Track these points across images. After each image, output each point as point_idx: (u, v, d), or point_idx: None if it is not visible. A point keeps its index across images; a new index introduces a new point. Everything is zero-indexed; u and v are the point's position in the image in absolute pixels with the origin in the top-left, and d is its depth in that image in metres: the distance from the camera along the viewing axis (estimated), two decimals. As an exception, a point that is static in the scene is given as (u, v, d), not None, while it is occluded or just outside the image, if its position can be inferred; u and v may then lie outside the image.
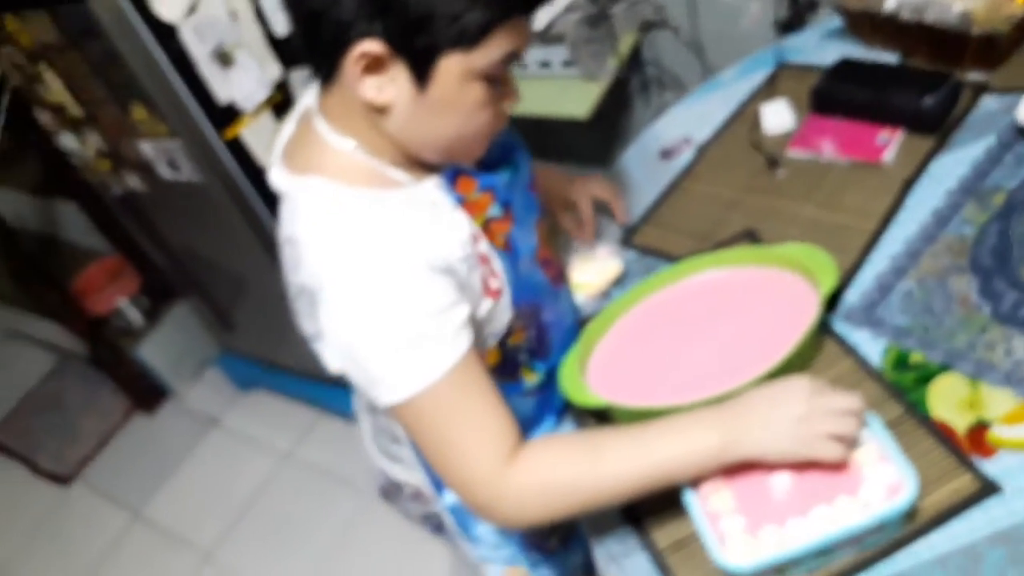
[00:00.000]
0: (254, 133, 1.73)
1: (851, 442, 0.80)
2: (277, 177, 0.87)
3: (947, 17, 1.20)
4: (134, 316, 2.57)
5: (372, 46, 0.73)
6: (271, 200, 1.78)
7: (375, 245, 0.79)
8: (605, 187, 1.23)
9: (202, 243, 2.07)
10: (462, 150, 0.85)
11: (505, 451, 0.81)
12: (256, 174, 1.75)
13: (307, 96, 0.91)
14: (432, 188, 0.86)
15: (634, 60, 2.03)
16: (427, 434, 0.82)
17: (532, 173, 1.00)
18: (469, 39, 0.74)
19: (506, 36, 0.75)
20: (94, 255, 2.75)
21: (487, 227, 0.88)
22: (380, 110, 0.79)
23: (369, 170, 0.83)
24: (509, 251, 0.90)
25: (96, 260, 2.67)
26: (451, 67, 0.75)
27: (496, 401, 0.83)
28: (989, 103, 1.20)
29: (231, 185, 1.74)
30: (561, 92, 1.87)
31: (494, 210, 0.89)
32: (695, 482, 0.84)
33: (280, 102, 1.74)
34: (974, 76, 1.23)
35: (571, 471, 0.82)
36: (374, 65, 0.75)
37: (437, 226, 0.83)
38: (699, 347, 0.98)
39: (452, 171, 0.87)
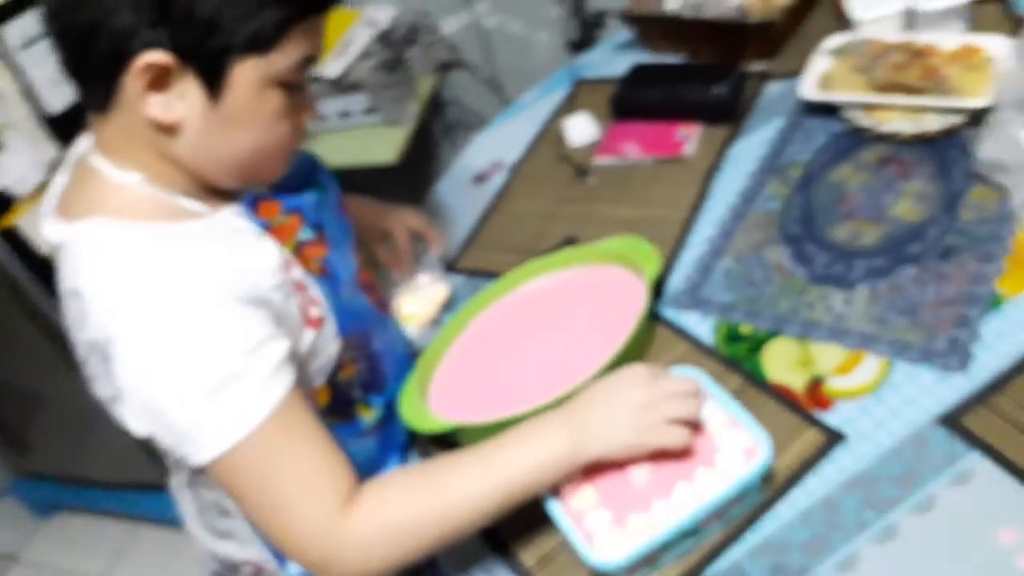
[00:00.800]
0: (31, 221, 1.56)
1: (693, 424, 0.78)
2: (50, 230, 0.76)
3: (724, 11, 1.26)
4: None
5: (157, 56, 0.66)
6: (53, 293, 1.61)
7: (169, 283, 0.69)
8: (418, 218, 1.17)
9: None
10: (260, 168, 0.77)
11: (339, 500, 0.72)
12: (39, 267, 1.58)
13: (80, 143, 0.81)
14: (231, 216, 0.77)
15: (435, 102, 2.02)
16: (249, 492, 0.72)
17: (340, 196, 0.94)
18: (263, 42, 0.68)
19: (302, 38, 0.71)
20: None
21: (300, 252, 0.80)
22: (168, 130, 0.71)
23: (157, 203, 0.74)
24: (328, 276, 0.83)
25: None
26: (246, 74, 0.69)
27: (325, 445, 0.74)
28: (773, 89, 1.26)
29: (10, 282, 1.56)
30: (365, 140, 1.83)
31: (305, 233, 0.82)
32: (555, 488, 0.78)
33: (58, 181, 1.59)
34: (756, 66, 1.30)
35: (415, 507, 0.74)
36: (159, 79, 0.67)
37: (241, 256, 0.74)
38: (538, 354, 0.94)
39: (252, 196, 0.79)
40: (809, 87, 1.17)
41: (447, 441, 0.93)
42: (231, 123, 0.72)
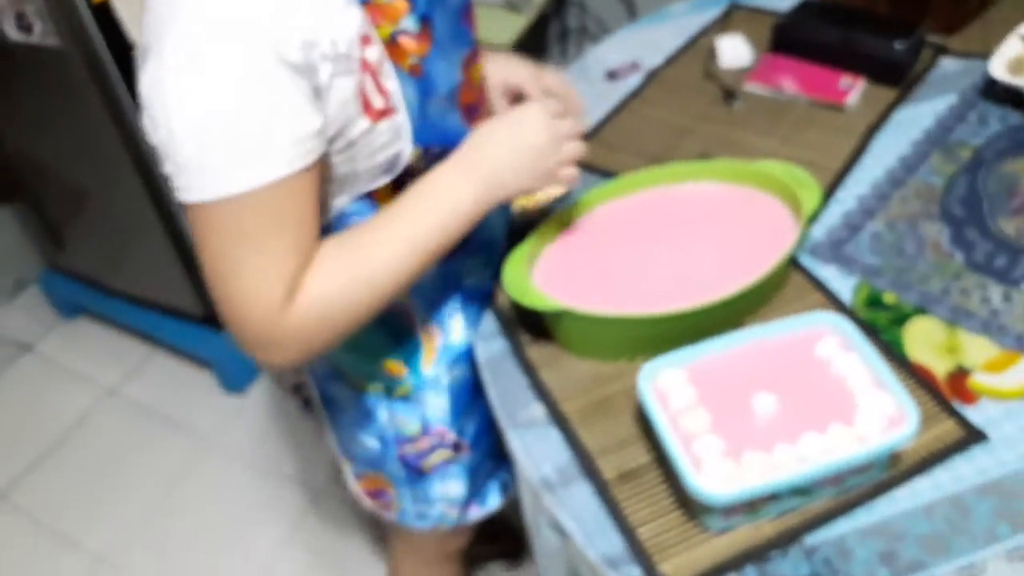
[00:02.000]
0: (125, 3, 1.47)
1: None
2: None
3: (923, -35, 1.14)
4: (-57, 217, 2.19)
5: None
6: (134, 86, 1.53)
7: (231, 15, 0.62)
8: (564, 84, 1.02)
9: (43, 136, 1.76)
10: None
11: (290, 286, 0.69)
12: (122, 50, 1.48)
13: None
14: None
15: (558, 1, 1.90)
16: (212, 250, 0.67)
17: (470, 6, 0.83)
18: None
19: None
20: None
21: (393, 41, 0.72)
22: None
23: None
24: (420, 77, 0.74)
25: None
26: None
27: (303, 237, 0.69)
28: (948, 64, 1.16)
29: (91, 55, 1.47)
30: (484, 19, 1.71)
31: (408, 22, 0.72)
32: (663, 400, 0.70)
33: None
34: (933, 38, 1.18)
35: (343, 286, 0.71)
36: None
37: (315, 14, 0.66)
38: (664, 260, 0.86)
39: None
40: (999, 68, 1.06)
41: (535, 324, 0.85)
42: None
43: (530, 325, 0.87)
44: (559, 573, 0.83)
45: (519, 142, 0.76)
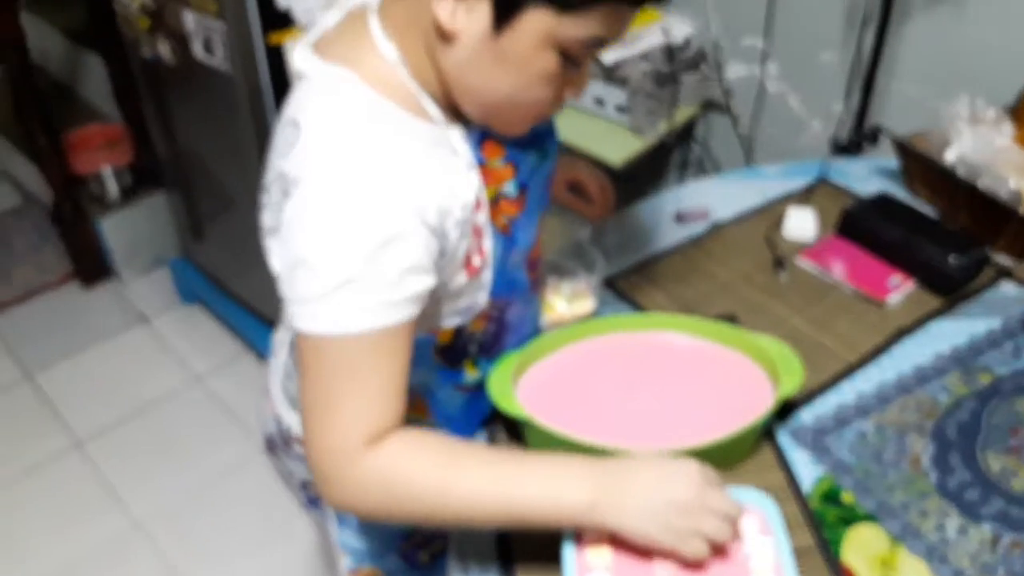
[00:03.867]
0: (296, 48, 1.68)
1: (719, 547, 0.74)
2: (302, 57, 0.77)
3: (999, 188, 1.17)
4: (111, 188, 2.49)
5: None
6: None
7: (381, 167, 0.70)
8: (595, 176, 1.15)
9: (205, 141, 2.01)
10: (505, 116, 0.77)
11: (375, 432, 0.73)
12: (283, 89, 1.70)
13: None
14: (457, 137, 0.78)
15: (685, 132, 2.00)
16: (312, 377, 0.73)
17: (555, 169, 0.93)
18: (566, 3, 0.67)
19: (603, 18, 0.69)
20: (99, 118, 2.68)
21: (495, 203, 0.80)
22: (443, 36, 0.71)
23: (406, 90, 0.74)
24: (508, 236, 0.83)
25: (99, 122, 2.60)
26: (535, 23, 0.68)
27: (399, 383, 0.75)
28: (1007, 289, 1.17)
29: (256, 87, 1.69)
30: (604, 134, 1.84)
31: (510, 187, 0.81)
32: (579, 533, 0.77)
33: (334, 31, 1.70)
34: (1002, 259, 1.20)
35: (421, 476, 0.73)
36: None
37: (450, 177, 0.75)
38: (638, 398, 0.92)
39: (483, 132, 0.79)
40: (1048, 307, 1.07)
41: (515, 430, 0.93)
42: (499, 61, 0.71)
43: (507, 424, 0.95)
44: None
45: (660, 487, 0.73)
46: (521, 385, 0.93)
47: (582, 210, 1.16)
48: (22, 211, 2.84)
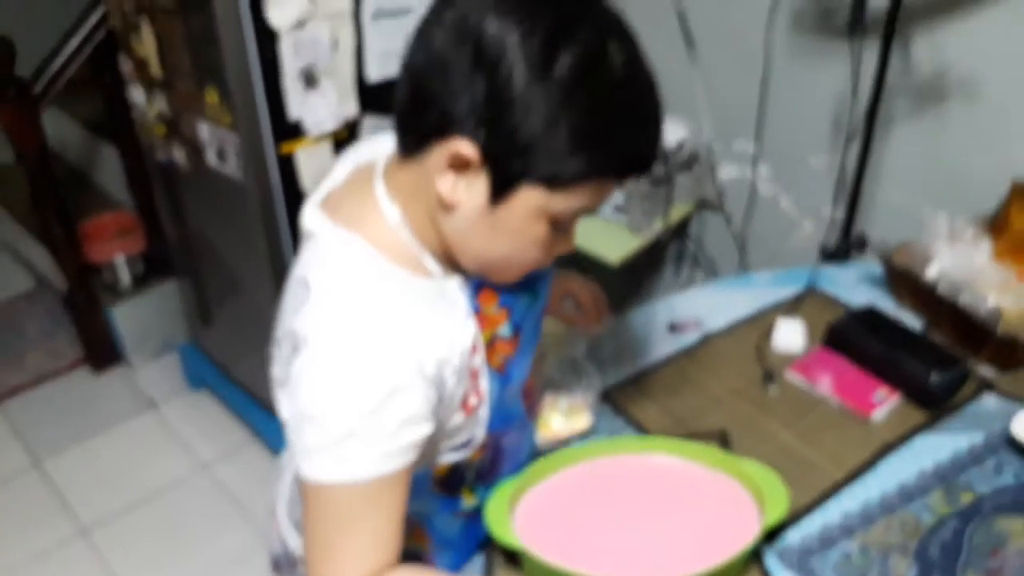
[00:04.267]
0: (308, 157, 1.76)
1: None
2: (311, 218, 0.84)
3: (978, 306, 1.22)
4: (124, 276, 2.56)
5: (468, 149, 0.72)
6: (297, 226, 1.80)
7: (382, 327, 0.75)
8: (587, 289, 1.19)
9: (217, 236, 2.08)
10: (499, 272, 0.83)
11: (373, 572, 0.78)
12: (294, 196, 1.77)
13: (365, 149, 0.90)
14: (455, 288, 0.83)
15: (680, 230, 2.07)
16: (315, 521, 0.79)
17: (547, 305, 0.98)
18: (557, 182, 0.73)
19: (590, 191, 0.75)
20: (113, 205, 2.77)
21: (492, 344, 0.86)
22: (444, 206, 0.77)
23: (408, 250, 0.80)
24: (503, 375, 0.88)
25: (112, 209, 2.68)
26: (528, 198, 0.74)
27: (396, 526, 0.80)
28: (989, 401, 1.21)
29: (267, 196, 1.76)
30: (603, 233, 1.91)
31: (504, 330, 0.87)
32: None
33: (344, 138, 1.78)
34: (985, 369, 1.24)
35: None
36: (460, 164, 0.73)
37: (449, 328, 0.80)
38: (631, 526, 0.96)
39: (478, 282, 0.85)
40: (1021, 428, 1.11)
41: (512, 555, 0.97)
42: (495, 229, 0.76)
43: (505, 551, 0.99)
44: None
45: None
46: (517, 513, 0.97)
47: (577, 321, 1.21)
48: (35, 296, 2.91)
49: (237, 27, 1.55)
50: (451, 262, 0.83)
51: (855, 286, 1.45)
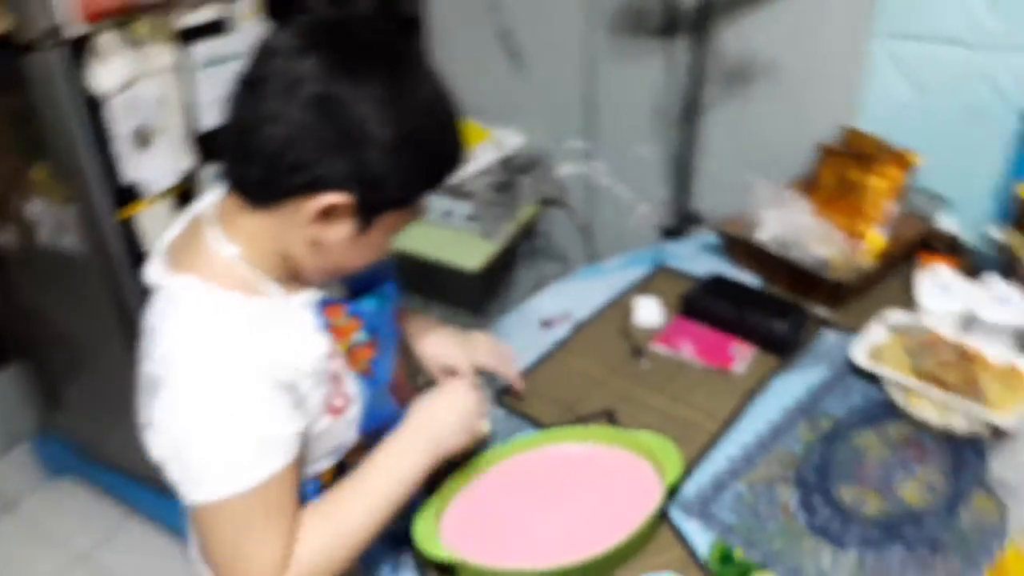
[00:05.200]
0: (150, 218, 1.72)
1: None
2: (154, 271, 0.89)
3: (806, 259, 1.38)
4: (-50, 376, 2.38)
5: (340, 199, 0.80)
6: (145, 291, 1.75)
7: (224, 348, 0.82)
8: (493, 353, 1.24)
9: (57, 314, 1.98)
10: (351, 271, 0.93)
11: (286, 555, 0.86)
12: (139, 258, 1.72)
13: (203, 202, 0.95)
14: (298, 306, 0.90)
15: (528, 230, 2.17)
16: (216, 537, 0.84)
17: (399, 305, 1.06)
18: (410, 201, 0.86)
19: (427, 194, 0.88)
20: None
21: (352, 351, 0.94)
22: (314, 245, 0.85)
23: (243, 278, 0.86)
24: (370, 376, 0.96)
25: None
26: (387, 221, 0.85)
27: (290, 515, 0.87)
28: (829, 336, 1.37)
29: (110, 264, 1.70)
30: (459, 242, 1.98)
31: (359, 336, 0.95)
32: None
33: (184, 192, 1.75)
34: (820, 310, 1.41)
35: (324, 542, 0.88)
36: (328, 213, 0.81)
37: (291, 340, 0.87)
38: (549, 514, 1.04)
39: (322, 301, 0.92)
40: (860, 353, 1.28)
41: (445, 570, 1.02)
42: (355, 250, 0.87)
43: (440, 569, 1.03)
44: None
45: (453, 412, 0.99)
46: (443, 528, 1.02)
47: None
48: None
49: (60, 98, 1.50)
50: (294, 280, 0.91)
51: (697, 257, 1.60)
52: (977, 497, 1.08)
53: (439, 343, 1.21)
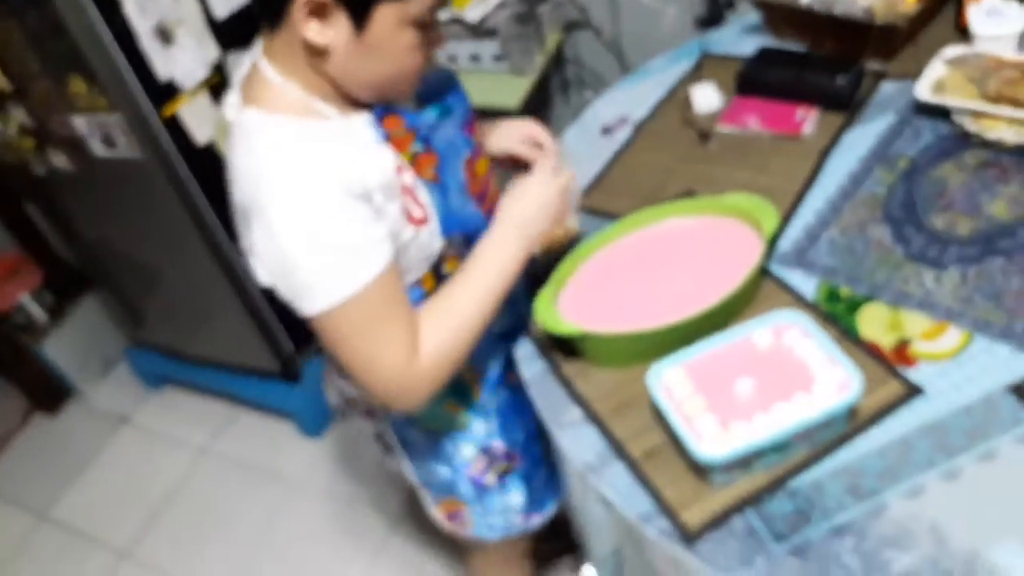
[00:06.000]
0: (192, 112, 1.74)
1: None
2: (229, 108, 0.96)
3: (853, 11, 1.36)
4: (36, 313, 2.47)
5: None
6: (204, 180, 1.79)
7: (297, 168, 0.87)
8: (528, 129, 1.21)
9: (121, 230, 2.04)
10: (392, 89, 0.95)
11: (412, 345, 0.94)
12: (191, 153, 1.76)
13: (257, 46, 0.99)
14: (360, 124, 0.94)
15: (559, 58, 2.15)
16: (343, 342, 0.92)
17: (467, 116, 1.08)
18: None
19: None
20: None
21: (415, 160, 0.97)
22: (320, 52, 0.88)
23: (301, 104, 0.91)
24: (439, 183, 1.00)
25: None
26: (387, 14, 0.85)
27: (406, 309, 0.94)
28: (887, 88, 1.37)
29: (167, 162, 1.74)
30: (492, 85, 1.97)
31: (416, 146, 0.98)
32: (669, 393, 0.93)
33: (217, 83, 1.76)
34: (874, 65, 1.40)
35: (444, 335, 0.96)
36: (318, 10, 0.84)
37: (357, 156, 0.91)
38: (661, 284, 1.08)
39: (381, 110, 0.96)
40: (924, 90, 1.28)
41: (566, 347, 1.08)
42: (371, 53, 0.88)
43: (561, 347, 1.10)
44: (606, 542, 1.05)
45: (537, 200, 1.03)
46: (561, 309, 1.07)
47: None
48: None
49: (79, 7, 1.49)
50: (351, 102, 0.95)
51: (740, 40, 1.58)
52: (1064, 201, 1.10)
53: (502, 133, 1.22)
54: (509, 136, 1.21)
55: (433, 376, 0.96)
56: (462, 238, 1.04)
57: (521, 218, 1.02)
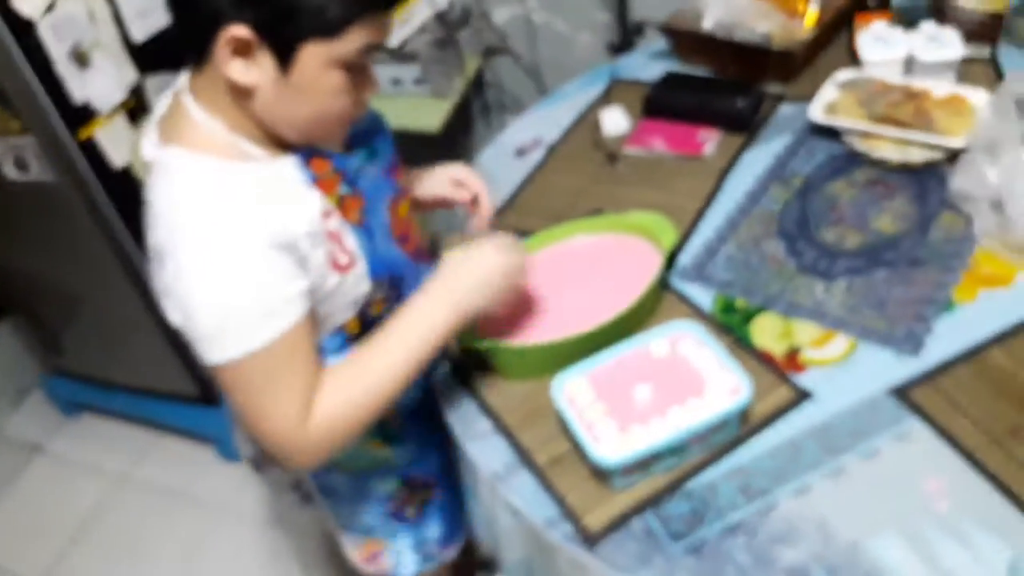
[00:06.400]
0: (108, 135, 1.72)
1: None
2: (147, 146, 0.93)
3: (752, 37, 1.44)
4: (-55, 342, 2.40)
5: (240, 31, 0.80)
6: (121, 204, 1.77)
7: (218, 213, 0.85)
8: (460, 172, 1.23)
9: (35, 255, 2.00)
10: (321, 133, 0.93)
11: (307, 404, 0.90)
12: (108, 177, 1.74)
13: (181, 78, 0.96)
14: (287, 166, 0.92)
15: (479, 82, 2.19)
16: (239, 395, 0.89)
17: (394, 159, 1.08)
18: (329, 30, 0.82)
19: (365, 29, 0.84)
20: None
21: (342, 202, 0.95)
22: (245, 91, 0.86)
23: (227, 143, 0.89)
24: (364, 226, 0.98)
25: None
26: (312, 55, 0.83)
27: (309, 369, 0.91)
28: (785, 110, 1.45)
29: (83, 186, 1.72)
30: (414, 108, 2.00)
31: (343, 188, 0.96)
32: (572, 401, 0.96)
33: (134, 107, 1.75)
34: (773, 88, 1.48)
35: (346, 396, 0.92)
36: (242, 49, 0.81)
37: (283, 202, 0.89)
38: (568, 298, 1.12)
39: (308, 152, 0.94)
40: (817, 111, 1.35)
41: (478, 363, 1.11)
42: (297, 93, 0.86)
43: (473, 361, 1.12)
44: (516, 550, 1.07)
45: (476, 272, 0.99)
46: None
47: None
48: None
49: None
50: (278, 143, 0.92)
51: (648, 65, 1.64)
52: (944, 216, 1.18)
53: (428, 179, 1.23)
54: (441, 180, 1.22)
55: (323, 440, 0.92)
56: (388, 281, 1.02)
57: (455, 285, 0.98)
